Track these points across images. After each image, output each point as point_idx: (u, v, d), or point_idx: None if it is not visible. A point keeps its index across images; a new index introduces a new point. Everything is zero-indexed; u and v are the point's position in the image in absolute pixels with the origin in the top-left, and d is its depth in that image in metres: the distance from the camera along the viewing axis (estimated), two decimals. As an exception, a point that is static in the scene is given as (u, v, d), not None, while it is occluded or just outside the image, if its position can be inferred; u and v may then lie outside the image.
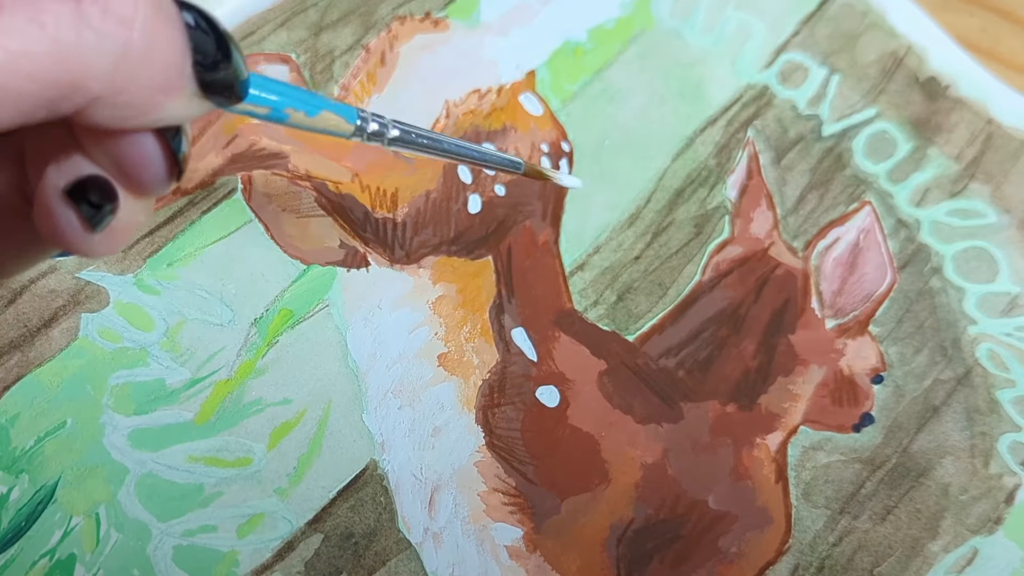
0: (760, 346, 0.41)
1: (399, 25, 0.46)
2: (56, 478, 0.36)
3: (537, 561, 0.36)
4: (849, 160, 0.45)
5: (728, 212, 0.44)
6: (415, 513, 0.37)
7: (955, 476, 0.39)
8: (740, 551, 0.37)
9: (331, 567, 0.36)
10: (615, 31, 0.47)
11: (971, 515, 0.38)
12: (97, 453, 0.37)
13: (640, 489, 0.38)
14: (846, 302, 0.42)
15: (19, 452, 0.36)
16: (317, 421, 0.38)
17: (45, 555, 0.35)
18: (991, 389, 0.40)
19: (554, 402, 0.39)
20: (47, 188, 0.22)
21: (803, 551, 0.37)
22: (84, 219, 0.22)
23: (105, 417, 0.37)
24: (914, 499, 0.38)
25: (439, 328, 0.40)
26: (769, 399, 0.40)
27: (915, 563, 0.37)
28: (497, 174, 0.43)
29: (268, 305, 0.40)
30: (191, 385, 0.38)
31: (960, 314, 0.42)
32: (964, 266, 0.43)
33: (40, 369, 0.37)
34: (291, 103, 0.25)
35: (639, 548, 0.37)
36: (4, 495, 0.36)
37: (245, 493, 0.37)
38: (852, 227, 0.44)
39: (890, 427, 0.39)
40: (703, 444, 0.39)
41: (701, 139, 0.45)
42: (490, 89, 0.45)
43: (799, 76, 0.47)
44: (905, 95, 0.47)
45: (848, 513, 0.38)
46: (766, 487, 0.38)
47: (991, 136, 0.46)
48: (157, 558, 0.35)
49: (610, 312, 0.41)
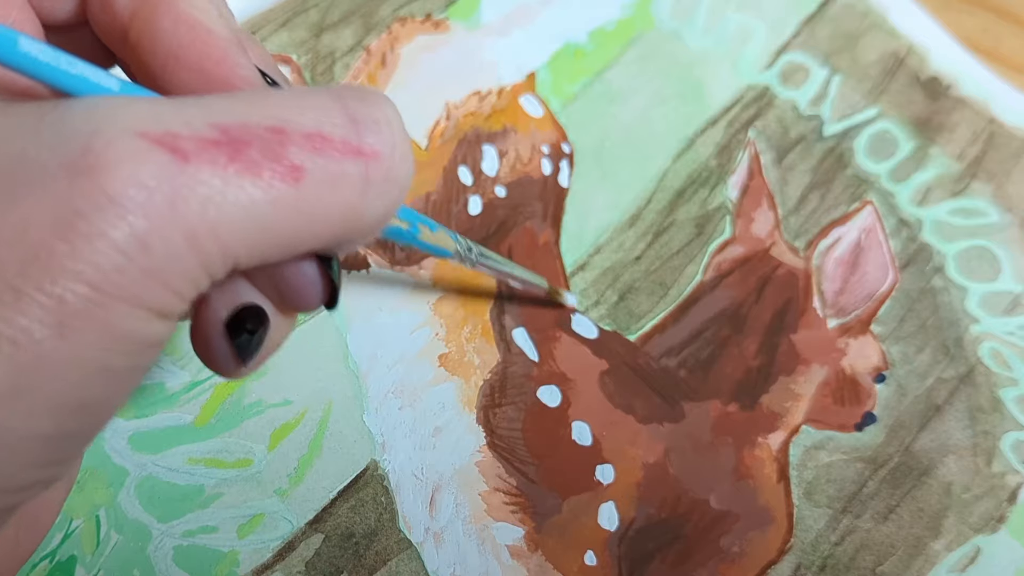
0: (762, 346, 0.41)
1: (400, 26, 0.46)
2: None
3: (538, 560, 0.36)
4: (850, 160, 0.45)
5: (729, 212, 0.43)
6: (416, 513, 0.37)
7: (958, 475, 0.38)
8: (742, 550, 0.37)
9: (332, 567, 0.36)
10: (616, 32, 0.47)
11: (974, 514, 0.38)
12: (97, 457, 0.37)
13: (641, 489, 0.38)
14: (848, 301, 0.42)
15: (21, 455, 0.36)
16: (317, 422, 0.38)
17: (45, 557, 0.35)
18: (994, 388, 0.40)
19: (555, 402, 0.39)
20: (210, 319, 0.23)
21: (805, 550, 0.37)
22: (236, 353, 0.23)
23: (106, 419, 0.37)
24: (916, 498, 0.38)
25: (440, 329, 0.40)
26: (771, 398, 0.40)
27: (918, 562, 0.37)
28: (498, 175, 0.43)
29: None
30: (191, 388, 0.38)
31: (962, 313, 0.42)
32: (966, 265, 0.43)
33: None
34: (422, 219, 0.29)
35: (640, 547, 0.37)
36: (5, 497, 0.36)
37: (245, 494, 0.37)
38: (854, 227, 0.43)
39: (892, 426, 0.39)
40: (704, 444, 0.39)
41: (702, 140, 0.45)
42: (490, 91, 0.45)
43: (800, 76, 0.47)
44: (906, 95, 0.47)
45: (850, 512, 0.38)
46: (768, 486, 0.38)
47: (993, 135, 0.46)
48: (157, 558, 0.35)
49: (611, 312, 0.41)
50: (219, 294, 0.23)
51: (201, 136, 0.18)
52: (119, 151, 0.17)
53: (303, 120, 0.19)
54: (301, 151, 0.19)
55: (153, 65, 0.23)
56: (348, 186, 0.20)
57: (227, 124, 0.19)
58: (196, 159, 0.18)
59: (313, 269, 0.23)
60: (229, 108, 0.19)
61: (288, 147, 0.19)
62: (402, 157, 0.21)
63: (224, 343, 0.23)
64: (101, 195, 0.17)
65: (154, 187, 0.17)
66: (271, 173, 0.19)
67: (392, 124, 0.21)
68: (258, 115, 0.19)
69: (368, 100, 0.21)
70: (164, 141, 0.18)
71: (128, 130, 0.18)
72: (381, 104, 0.21)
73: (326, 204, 0.19)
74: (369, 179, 0.20)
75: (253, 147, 0.19)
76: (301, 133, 0.19)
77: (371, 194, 0.20)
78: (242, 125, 0.19)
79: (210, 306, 0.23)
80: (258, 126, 0.19)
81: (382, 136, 0.20)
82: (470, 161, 0.43)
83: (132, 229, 0.17)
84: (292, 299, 0.23)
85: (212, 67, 0.22)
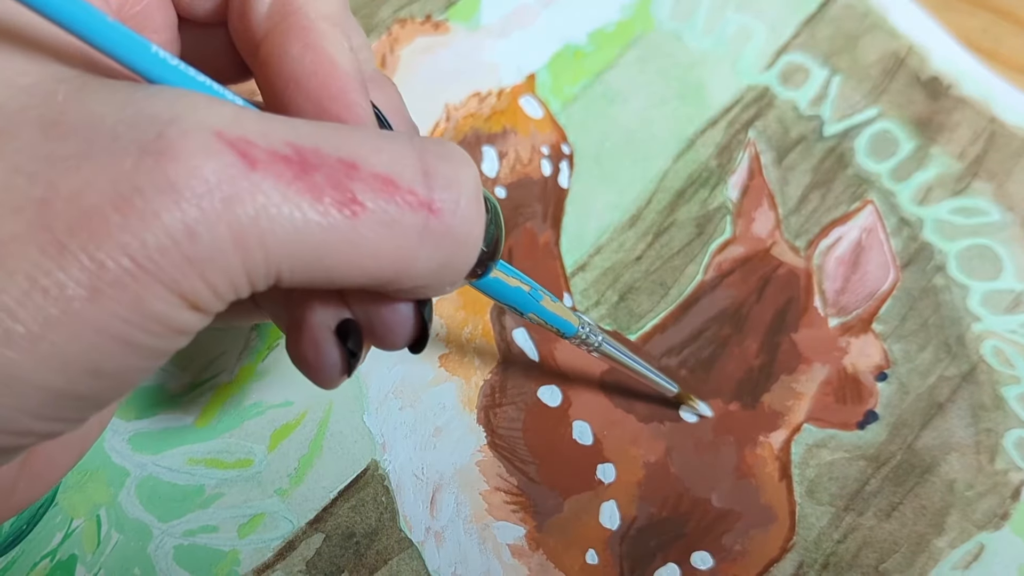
0: (763, 345, 0.41)
1: (400, 28, 0.46)
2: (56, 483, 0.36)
3: (540, 559, 0.36)
4: (851, 160, 0.45)
5: (730, 212, 0.43)
6: (416, 512, 0.37)
7: (960, 472, 0.38)
8: (744, 549, 0.37)
9: (332, 566, 0.36)
10: (615, 34, 0.47)
11: (977, 511, 0.38)
12: (98, 457, 0.37)
13: (643, 487, 0.38)
14: (849, 300, 0.42)
15: (22, 458, 0.36)
16: (318, 422, 0.38)
17: (46, 556, 0.35)
18: (996, 385, 0.40)
19: (556, 401, 0.39)
20: (317, 322, 0.24)
21: (807, 548, 0.37)
22: (345, 360, 0.24)
23: (106, 419, 0.37)
24: (919, 495, 0.38)
25: (440, 329, 0.40)
26: (772, 397, 0.40)
27: (921, 559, 0.37)
28: (498, 176, 0.43)
29: (269, 308, 0.40)
30: (192, 389, 0.39)
31: (964, 311, 0.42)
32: (967, 264, 0.43)
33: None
34: (543, 290, 0.30)
35: (642, 546, 0.37)
36: (6, 499, 0.36)
37: (246, 494, 0.37)
38: (854, 226, 0.43)
39: (894, 424, 0.39)
40: (706, 443, 0.39)
41: (702, 140, 0.45)
42: (490, 92, 0.45)
43: (800, 77, 0.47)
44: (907, 95, 0.47)
45: (853, 510, 0.37)
46: (769, 485, 0.38)
47: (994, 135, 0.46)
48: (158, 557, 0.35)
49: (612, 312, 0.41)
50: (323, 304, 0.24)
51: (273, 150, 0.19)
52: (191, 143, 0.18)
53: (377, 161, 0.20)
54: (366, 189, 0.20)
55: (276, 85, 0.23)
56: (404, 234, 0.20)
57: (302, 146, 0.19)
58: (263, 169, 0.19)
59: (409, 309, 0.24)
60: (310, 132, 0.20)
61: (355, 182, 0.20)
62: (467, 220, 0.21)
63: (334, 349, 0.24)
64: (163, 179, 0.18)
65: (215, 183, 0.18)
66: (331, 200, 0.19)
67: (463, 184, 0.21)
68: (336, 145, 0.20)
69: (446, 157, 0.22)
70: (237, 144, 0.19)
71: (205, 126, 0.19)
72: (457, 162, 0.22)
73: (378, 245, 0.20)
74: (428, 230, 0.21)
75: (320, 172, 0.19)
76: (372, 172, 0.20)
77: (427, 247, 0.21)
78: (316, 150, 0.20)
79: (316, 312, 0.24)
80: (331, 155, 0.20)
81: (451, 195, 0.21)
82: (470, 162, 0.43)
83: (184, 216, 0.18)
84: (383, 334, 0.24)
85: (327, 100, 0.23)
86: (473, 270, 0.23)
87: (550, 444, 0.38)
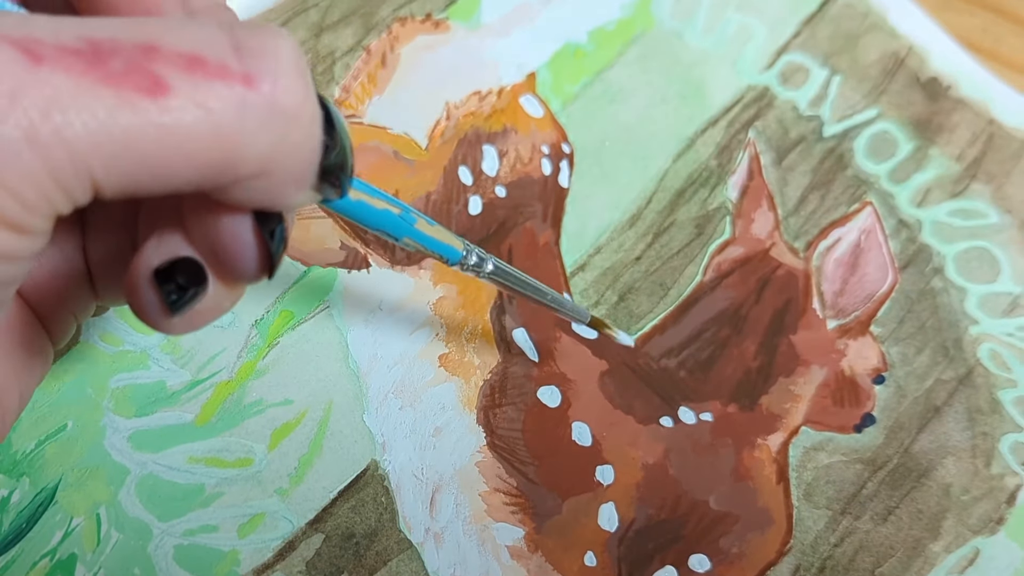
0: (761, 346, 0.41)
1: (400, 26, 0.46)
2: (57, 480, 0.36)
3: (538, 561, 0.36)
4: (850, 160, 0.45)
5: (729, 213, 0.44)
6: (416, 513, 0.37)
7: (957, 476, 0.38)
8: (741, 552, 0.37)
9: (332, 566, 0.36)
10: (616, 32, 0.47)
11: (973, 515, 0.38)
12: (98, 455, 0.37)
13: (641, 489, 0.38)
14: (847, 302, 0.42)
15: (20, 455, 0.36)
16: (318, 422, 0.38)
17: (46, 555, 0.35)
18: (993, 389, 0.40)
19: (555, 402, 0.39)
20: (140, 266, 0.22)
21: (804, 552, 0.37)
22: (164, 303, 0.22)
23: (106, 419, 0.37)
24: (916, 499, 0.38)
25: (440, 329, 0.40)
26: (770, 400, 0.40)
27: (917, 563, 0.37)
28: (498, 175, 0.43)
29: (269, 307, 0.40)
30: (192, 387, 0.38)
31: (961, 314, 0.42)
32: (965, 266, 0.43)
33: (41, 371, 0.37)
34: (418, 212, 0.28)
35: (640, 548, 0.37)
36: (5, 498, 0.36)
37: (246, 493, 0.37)
38: (853, 227, 0.44)
39: (891, 427, 0.39)
40: (704, 445, 0.39)
41: (702, 140, 0.45)
42: (491, 91, 0.45)
43: (800, 77, 0.47)
44: (906, 95, 0.47)
45: (849, 514, 0.38)
46: (767, 488, 0.38)
47: (992, 136, 0.46)
48: (158, 557, 0.35)
49: (611, 312, 0.41)
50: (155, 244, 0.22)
51: (62, 44, 0.18)
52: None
53: (179, 41, 0.19)
54: (170, 68, 0.19)
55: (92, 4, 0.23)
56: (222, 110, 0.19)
57: (97, 38, 0.18)
58: (50, 63, 0.18)
59: (247, 230, 0.22)
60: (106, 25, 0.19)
61: (156, 63, 0.18)
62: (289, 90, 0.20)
63: (151, 291, 0.22)
64: None
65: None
66: (132, 86, 0.18)
67: (281, 54, 0.20)
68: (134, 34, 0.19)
69: (259, 32, 0.20)
70: (19, 43, 0.18)
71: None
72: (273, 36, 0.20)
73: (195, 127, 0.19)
74: (248, 104, 0.19)
75: (117, 59, 0.18)
76: (175, 51, 0.19)
77: (251, 122, 0.19)
78: (112, 39, 0.19)
79: (143, 253, 0.22)
80: (129, 42, 0.19)
81: (265, 64, 0.20)
82: (470, 161, 0.43)
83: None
84: (226, 262, 0.23)
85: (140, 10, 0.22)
86: (326, 185, 0.22)
87: (549, 445, 0.38)
